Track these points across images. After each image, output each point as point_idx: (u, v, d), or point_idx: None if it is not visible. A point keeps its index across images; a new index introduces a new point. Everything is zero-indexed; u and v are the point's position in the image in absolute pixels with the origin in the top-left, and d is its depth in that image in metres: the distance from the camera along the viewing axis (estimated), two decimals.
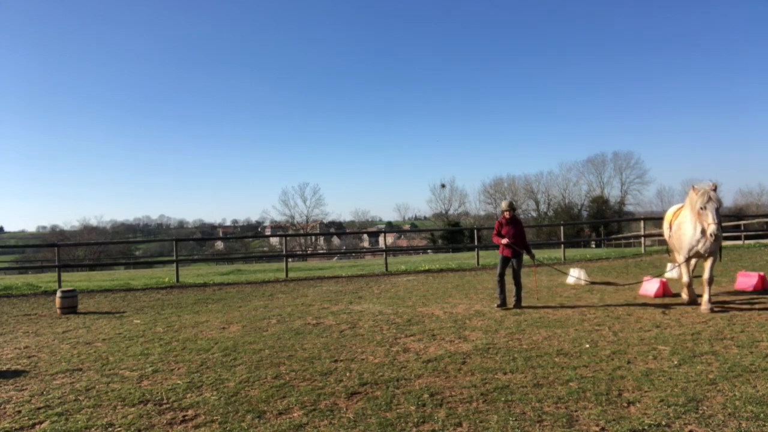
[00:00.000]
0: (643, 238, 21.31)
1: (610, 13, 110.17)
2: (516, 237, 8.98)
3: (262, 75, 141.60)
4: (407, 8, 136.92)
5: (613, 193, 65.87)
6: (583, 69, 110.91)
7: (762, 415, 3.90)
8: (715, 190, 7.67)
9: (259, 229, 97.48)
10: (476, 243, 20.29)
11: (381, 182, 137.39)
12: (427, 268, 16.86)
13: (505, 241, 8.94)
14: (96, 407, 4.63)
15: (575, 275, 11.77)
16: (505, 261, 9.07)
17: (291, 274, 16.22)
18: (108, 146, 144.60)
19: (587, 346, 6.11)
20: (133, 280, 16.75)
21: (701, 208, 7.63)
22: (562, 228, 20.54)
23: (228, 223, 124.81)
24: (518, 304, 8.88)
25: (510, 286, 8.96)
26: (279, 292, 12.37)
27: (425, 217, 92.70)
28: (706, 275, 7.90)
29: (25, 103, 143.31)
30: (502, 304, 8.86)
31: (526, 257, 9.27)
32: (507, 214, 9.10)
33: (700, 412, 4.01)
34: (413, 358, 5.91)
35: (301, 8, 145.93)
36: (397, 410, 4.29)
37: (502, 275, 9.04)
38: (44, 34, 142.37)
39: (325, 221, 72.44)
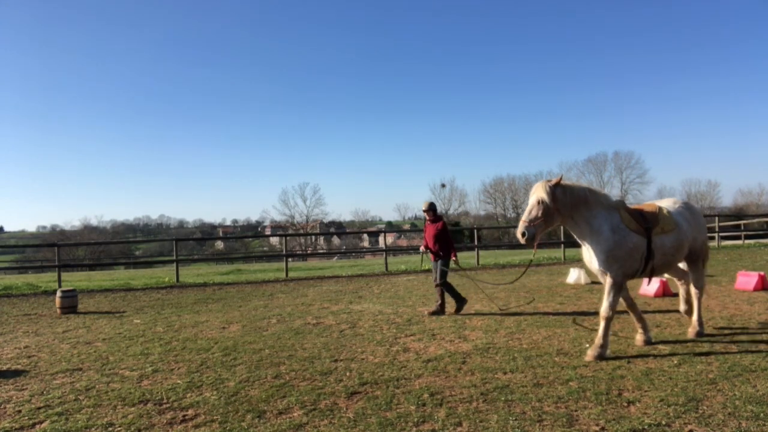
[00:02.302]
0: None
1: (611, 12, 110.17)
2: (435, 240, 8.57)
3: (261, 74, 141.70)
4: (408, 8, 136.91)
5: (613, 193, 65.85)
6: (583, 68, 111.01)
7: (762, 414, 3.90)
8: (555, 185, 5.85)
9: (259, 229, 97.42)
10: (476, 243, 20.28)
11: (381, 182, 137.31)
12: (427, 267, 16.86)
13: (422, 248, 8.80)
14: (96, 407, 4.63)
15: (575, 275, 11.78)
16: (435, 265, 8.72)
17: (291, 274, 16.22)
18: (108, 146, 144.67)
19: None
20: (133, 279, 16.75)
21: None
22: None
23: (228, 222, 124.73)
24: (439, 312, 8.39)
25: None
26: (279, 292, 12.36)
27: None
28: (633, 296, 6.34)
29: (25, 102, 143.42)
30: (437, 312, 8.41)
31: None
32: (427, 216, 8.79)
33: (700, 411, 4.01)
34: (413, 357, 5.91)
35: (300, 6, 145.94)
36: (397, 410, 4.29)
37: (436, 280, 8.66)
38: (44, 32, 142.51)
39: (325, 221, 72.44)
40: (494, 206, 72.90)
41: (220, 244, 69.50)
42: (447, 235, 8.67)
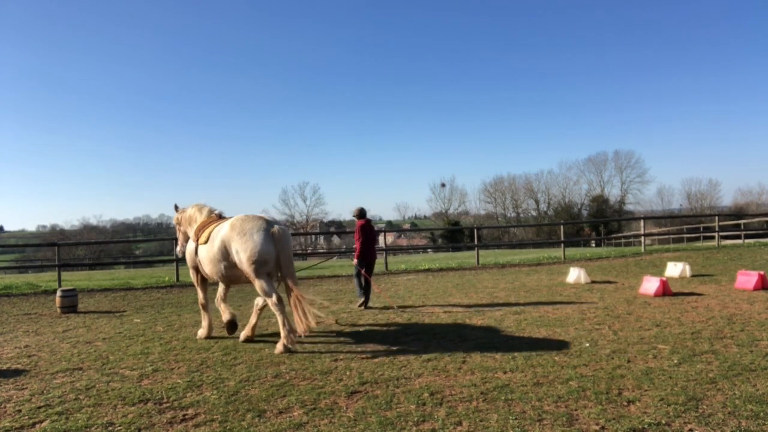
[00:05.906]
0: (643, 237, 21.37)
1: (611, 10, 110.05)
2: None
3: (261, 73, 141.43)
4: (407, 6, 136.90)
5: (613, 192, 65.87)
6: (583, 67, 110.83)
7: (762, 413, 3.90)
8: (177, 209, 8.74)
9: None
10: (476, 242, 20.29)
11: (381, 181, 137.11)
12: (427, 267, 16.87)
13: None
14: (96, 406, 4.63)
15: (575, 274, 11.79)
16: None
17: None
18: (108, 145, 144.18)
19: (587, 345, 6.11)
20: (133, 279, 16.75)
21: None
22: (562, 227, 20.55)
23: None
24: (363, 304, 9.53)
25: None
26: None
27: (425, 216, 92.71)
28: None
29: (25, 101, 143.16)
30: (362, 304, 9.50)
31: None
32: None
33: (700, 410, 4.01)
34: (413, 356, 5.91)
35: (299, 5, 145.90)
36: (398, 409, 4.29)
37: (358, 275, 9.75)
38: (44, 30, 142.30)
39: (325, 220, 72.36)
40: (494, 206, 72.68)
41: None
42: (355, 235, 9.85)
